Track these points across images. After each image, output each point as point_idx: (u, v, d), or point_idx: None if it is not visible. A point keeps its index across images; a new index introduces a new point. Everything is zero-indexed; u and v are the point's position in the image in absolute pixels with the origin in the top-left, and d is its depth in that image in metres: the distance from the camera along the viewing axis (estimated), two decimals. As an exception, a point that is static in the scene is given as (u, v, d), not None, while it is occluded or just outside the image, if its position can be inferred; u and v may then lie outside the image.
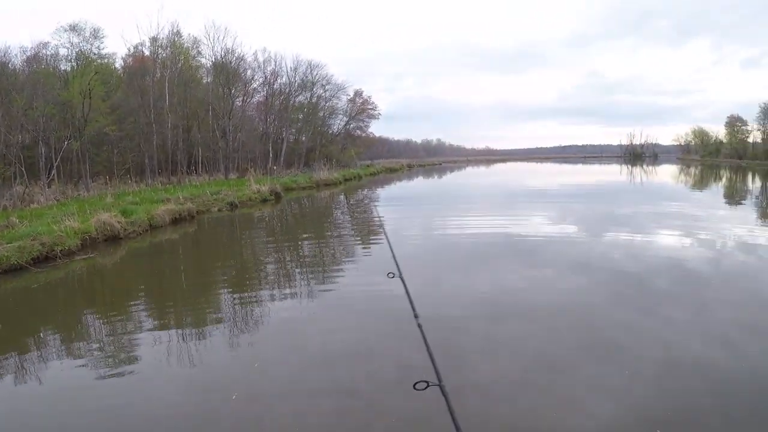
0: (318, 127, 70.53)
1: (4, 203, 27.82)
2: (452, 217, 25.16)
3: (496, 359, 8.45)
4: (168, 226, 24.47)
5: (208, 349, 9.59)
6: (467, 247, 17.91)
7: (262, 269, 16.50)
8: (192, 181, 44.18)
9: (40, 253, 17.04)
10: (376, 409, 7.06)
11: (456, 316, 10.69)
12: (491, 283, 13.35)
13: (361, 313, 11.36)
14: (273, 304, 12.23)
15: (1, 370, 8.89)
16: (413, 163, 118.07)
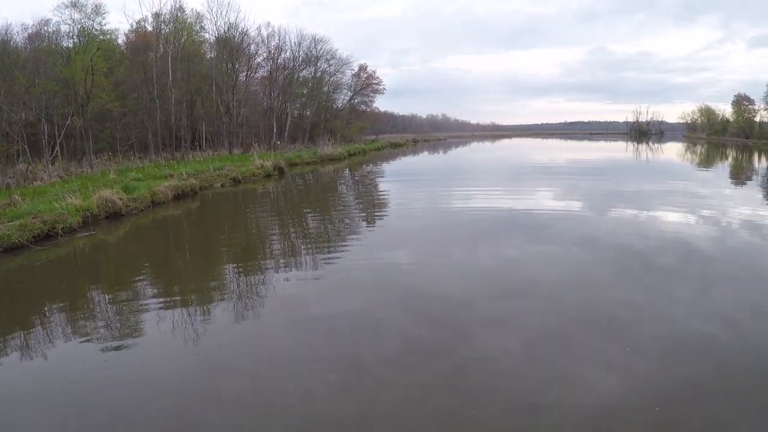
0: (322, 102, 70.35)
1: (7, 181, 27.77)
2: (457, 193, 25.18)
3: (502, 334, 8.54)
4: (170, 202, 24.50)
5: (213, 324, 9.76)
6: (472, 222, 17.96)
7: (266, 244, 16.57)
8: (196, 156, 44.15)
9: (41, 231, 17.02)
10: (382, 382, 7.15)
11: (462, 291, 10.79)
12: (496, 258, 13.44)
13: (366, 287, 11.49)
14: (277, 279, 12.31)
15: (7, 348, 9.04)
16: (418, 138, 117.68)
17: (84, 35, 39.47)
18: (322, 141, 57.07)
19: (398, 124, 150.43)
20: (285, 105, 62.59)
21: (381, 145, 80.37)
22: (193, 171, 31.61)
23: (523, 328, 8.74)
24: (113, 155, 39.75)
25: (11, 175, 28.94)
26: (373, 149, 71.16)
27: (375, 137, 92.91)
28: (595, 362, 7.58)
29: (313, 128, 67.05)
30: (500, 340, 8.31)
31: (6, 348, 9.08)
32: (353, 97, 79.30)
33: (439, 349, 8.08)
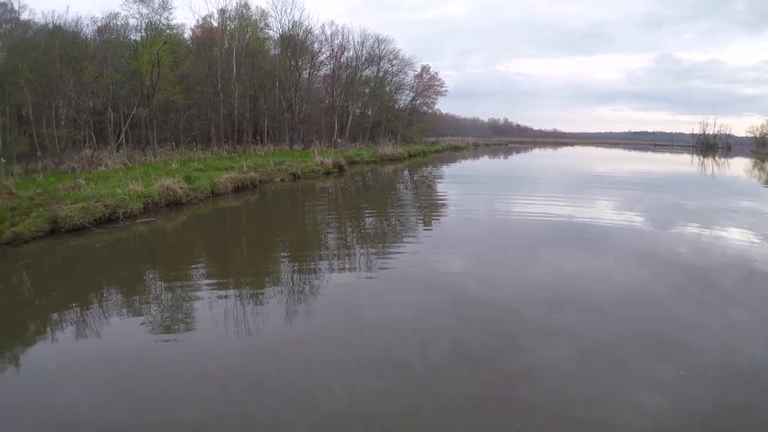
0: (384, 101, 70.14)
1: (73, 165, 28.41)
2: (516, 199, 24.57)
3: (552, 346, 8.30)
4: (230, 194, 24.68)
5: (265, 315, 9.70)
6: (530, 230, 17.42)
7: (321, 241, 16.41)
8: (257, 150, 44.42)
9: (102, 214, 17.39)
10: (427, 387, 7.00)
11: (515, 299, 10.46)
12: (552, 268, 12.94)
13: (420, 291, 11.16)
14: (331, 275, 12.23)
15: (64, 322, 9.47)
16: (479, 142, 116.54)
17: (151, 29, 40.02)
18: (383, 141, 56.98)
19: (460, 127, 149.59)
20: (347, 103, 62.57)
21: (441, 147, 79.73)
22: (253, 164, 31.85)
23: (574, 342, 8.47)
24: (176, 145, 40.52)
25: (77, 160, 29.62)
26: (434, 151, 70.59)
27: (436, 139, 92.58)
28: (646, 382, 7.23)
29: (374, 128, 67.03)
30: (550, 352, 8.08)
31: (63, 322, 9.47)
32: (415, 98, 78.98)
33: (488, 357, 7.92)
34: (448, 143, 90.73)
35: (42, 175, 25.76)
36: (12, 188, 20.26)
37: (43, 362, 7.98)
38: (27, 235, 15.28)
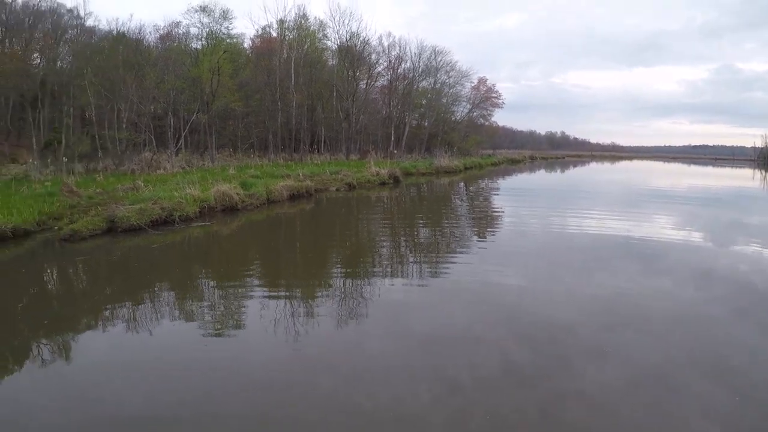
0: (441, 113, 69.90)
1: (132, 167, 28.92)
2: (572, 215, 23.86)
3: (604, 367, 7.93)
4: (285, 202, 24.66)
5: (313, 323, 9.57)
6: (585, 246, 16.76)
7: (374, 250, 16.19)
8: (313, 159, 44.71)
9: (159, 216, 17.53)
10: (474, 401, 6.83)
11: (567, 317, 10.02)
12: (607, 286, 12.34)
13: (471, 304, 10.87)
14: (382, 286, 11.97)
15: (116, 319, 9.58)
16: (536, 155, 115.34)
17: (212, 38, 40.78)
18: (439, 152, 56.60)
19: (516, 140, 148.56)
20: (403, 114, 62.57)
21: (498, 160, 78.92)
22: (309, 173, 31.95)
23: (626, 363, 8.05)
24: (234, 152, 41.10)
25: (137, 162, 30.20)
26: (490, 164, 69.89)
27: (492, 152, 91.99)
28: (700, 408, 6.79)
29: (431, 139, 66.84)
30: (601, 372, 7.73)
31: (115, 319, 9.58)
32: (472, 110, 78.62)
33: (538, 374, 7.63)
34: (505, 156, 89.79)
35: (102, 175, 26.29)
36: (73, 186, 20.65)
37: (95, 356, 8.11)
38: (84, 232, 15.60)
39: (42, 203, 18.28)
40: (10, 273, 12.70)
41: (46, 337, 8.81)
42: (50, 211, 17.63)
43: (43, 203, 18.33)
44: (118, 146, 31.49)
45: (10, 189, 20.98)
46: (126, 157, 30.90)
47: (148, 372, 7.50)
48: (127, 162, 30.06)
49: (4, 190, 20.90)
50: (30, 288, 11.62)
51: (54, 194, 19.99)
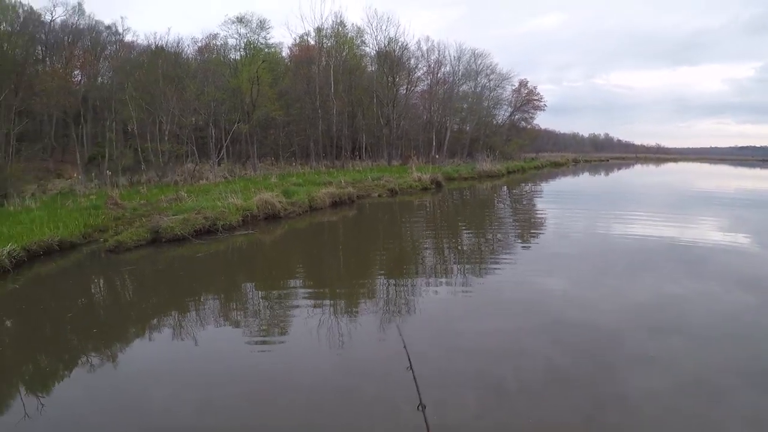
0: (482, 117, 69.24)
1: (175, 178, 29.15)
2: (617, 218, 23.19)
3: (648, 374, 7.72)
4: (328, 209, 24.55)
5: (357, 328, 9.65)
6: (629, 250, 16.29)
7: (418, 255, 16.04)
8: (355, 166, 44.66)
9: (202, 226, 17.57)
10: (517, 407, 6.83)
11: (611, 323, 9.88)
12: (652, 292, 11.98)
13: (515, 308, 10.79)
14: (427, 291, 11.93)
15: (162, 328, 9.86)
16: (579, 158, 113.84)
17: (250, 48, 41.09)
18: (481, 156, 56.12)
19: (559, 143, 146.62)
20: (444, 119, 62.14)
21: (541, 163, 78.02)
22: (351, 180, 31.83)
23: (671, 371, 7.81)
24: (276, 160, 41.24)
25: (180, 173, 30.48)
26: (533, 167, 69.10)
27: (535, 155, 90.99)
28: (746, 419, 6.52)
29: (472, 143, 66.25)
30: (645, 380, 7.48)
31: (161, 328, 9.86)
32: (513, 113, 77.79)
33: (581, 381, 7.53)
34: (548, 159, 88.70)
35: (146, 187, 26.58)
36: (117, 199, 20.82)
37: (144, 365, 8.26)
38: (129, 243, 15.70)
39: (87, 216, 18.48)
40: (58, 284, 12.90)
41: (95, 347, 8.94)
42: (95, 223, 17.79)
43: (89, 216, 18.52)
44: (161, 158, 31.75)
45: (56, 203, 21.35)
46: (169, 169, 31.16)
47: (195, 380, 7.59)
48: (170, 173, 30.29)
49: (51, 204, 21.24)
50: (78, 299, 11.78)
51: (99, 207, 20.22)
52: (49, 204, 21.35)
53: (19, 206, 20.36)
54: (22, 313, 10.77)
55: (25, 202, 20.93)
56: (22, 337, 9.73)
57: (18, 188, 23.50)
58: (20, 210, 19.68)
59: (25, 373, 8.16)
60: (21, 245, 13.95)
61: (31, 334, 9.75)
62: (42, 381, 7.85)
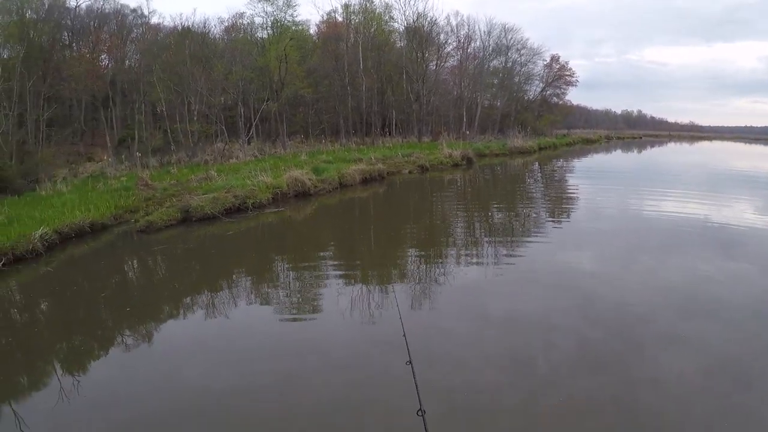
0: (513, 92, 68.34)
1: (205, 158, 29.14)
2: (650, 196, 22.62)
3: (678, 355, 7.71)
4: (358, 186, 24.36)
5: (388, 306, 9.64)
6: (662, 229, 16.09)
7: (448, 233, 15.95)
8: (385, 142, 44.22)
9: (232, 204, 17.55)
10: (546, 386, 6.84)
11: (643, 302, 9.75)
12: (684, 272, 11.81)
13: (546, 286, 10.72)
14: (457, 268, 11.99)
15: (195, 305, 10.08)
16: (611, 135, 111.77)
17: (277, 26, 40.74)
18: (512, 133, 55.47)
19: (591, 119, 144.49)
20: (475, 95, 61.34)
21: (572, 140, 76.67)
22: (381, 156, 31.49)
23: (702, 353, 7.80)
24: (305, 138, 41.10)
25: (209, 153, 30.43)
26: (564, 144, 67.83)
27: (566, 131, 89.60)
28: None
29: (503, 119, 65.45)
30: (675, 361, 7.45)
31: (194, 305, 10.09)
32: (545, 88, 76.57)
33: (611, 361, 7.52)
34: (580, 136, 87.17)
35: (176, 167, 26.57)
36: (148, 180, 20.76)
37: (177, 341, 8.51)
38: (160, 223, 15.72)
39: (118, 198, 18.52)
40: (90, 265, 13.07)
41: (129, 326, 9.08)
42: (126, 204, 17.82)
43: (119, 198, 18.56)
44: (190, 138, 31.80)
45: (87, 186, 21.42)
46: (198, 149, 31.18)
47: (228, 357, 7.73)
48: (199, 153, 30.29)
49: (82, 187, 21.33)
50: (111, 279, 11.93)
51: (129, 188, 20.23)
52: (80, 187, 21.43)
53: (50, 190, 20.39)
54: (56, 295, 10.88)
55: (57, 186, 20.93)
56: (58, 318, 9.80)
57: (49, 173, 23.58)
58: (52, 194, 19.68)
59: (61, 353, 8.28)
60: (53, 228, 14.00)
61: (65, 315, 9.82)
62: (78, 360, 7.95)
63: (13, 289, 11.29)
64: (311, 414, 6.32)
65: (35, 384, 7.27)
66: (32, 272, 12.10)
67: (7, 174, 20.38)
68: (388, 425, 6.13)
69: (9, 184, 20.26)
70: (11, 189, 20.05)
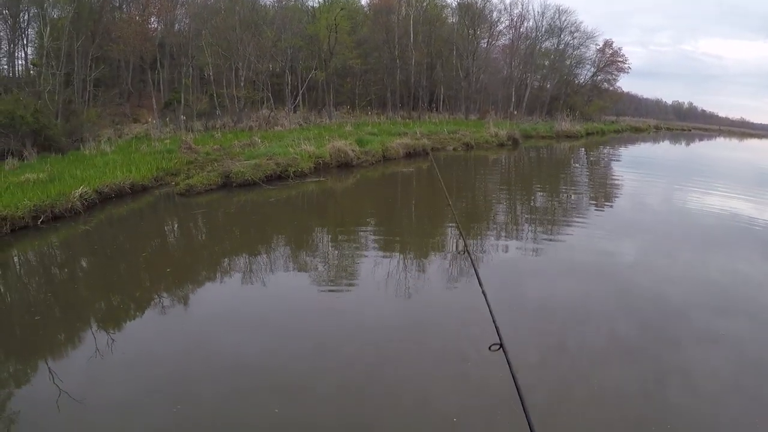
0: (564, 75, 67.13)
1: (250, 124, 29.12)
2: (695, 191, 21.84)
3: (712, 352, 7.59)
4: (401, 159, 24.12)
5: (425, 281, 9.72)
6: (706, 224, 15.59)
7: (489, 212, 15.79)
8: (431, 118, 43.77)
9: (273, 172, 17.46)
10: (578, 371, 6.85)
11: (680, 296, 9.60)
12: (723, 270, 11.46)
13: (584, 273, 10.64)
14: (496, 249, 11.97)
15: (232, 270, 10.16)
16: (660, 125, 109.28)
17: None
18: (560, 116, 54.54)
19: (641, 108, 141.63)
20: (525, 75, 60.33)
21: (621, 127, 75.11)
22: (427, 132, 31.19)
23: (736, 351, 7.65)
24: (351, 109, 40.78)
25: (254, 119, 30.40)
26: (612, 131, 66.30)
27: (615, 118, 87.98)
28: None
29: (552, 102, 64.29)
30: (709, 358, 7.38)
31: (231, 270, 10.15)
32: (596, 73, 75.10)
33: (644, 352, 7.45)
34: (628, 124, 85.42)
35: (220, 132, 26.55)
36: (191, 143, 20.76)
37: (215, 304, 8.58)
38: (200, 187, 15.72)
39: (160, 160, 18.55)
40: (129, 226, 13.24)
41: (166, 287, 9.23)
42: (168, 167, 17.81)
43: (162, 160, 18.59)
44: (236, 104, 31.73)
45: (131, 147, 21.46)
46: (244, 115, 31.19)
47: (262, 321, 7.94)
48: (244, 119, 30.32)
49: (126, 148, 21.38)
50: (148, 240, 12.09)
51: (172, 151, 20.26)
52: (124, 148, 21.49)
53: (94, 150, 20.45)
54: (95, 254, 11.04)
55: (101, 146, 20.99)
56: (94, 277, 9.89)
57: (94, 132, 23.63)
58: (95, 154, 19.78)
59: (98, 311, 8.37)
60: (93, 188, 14.06)
61: (102, 274, 9.90)
62: (114, 318, 8.03)
63: (53, 247, 11.39)
64: (341, 379, 6.44)
65: (72, 339, 7.38)
66: (71, 230, 12.18)
67: (53, 133, 20.40)
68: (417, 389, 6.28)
69: (54, 142, 20.29)
70: (56, 147, 20.08)
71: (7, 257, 10.47)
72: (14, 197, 12.28)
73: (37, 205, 12.13)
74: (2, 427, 5.48)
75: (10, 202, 11.84)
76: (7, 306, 8.55)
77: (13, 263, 10.40)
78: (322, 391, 6.20)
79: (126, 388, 6.12)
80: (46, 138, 20.14)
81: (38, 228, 11.81)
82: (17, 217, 11.54)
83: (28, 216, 11.79)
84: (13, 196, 12.35)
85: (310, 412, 5.87)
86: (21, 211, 11.68)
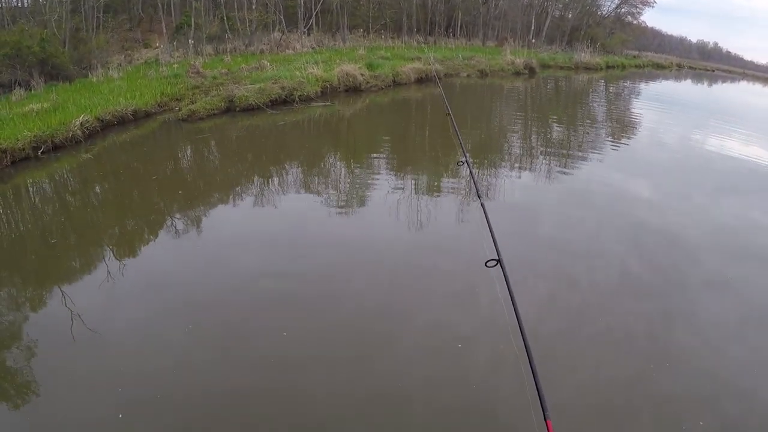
0: (586, 6, 65.56)
1: (261, 48, 28.79)
2: (715, 133, 21.28)
3: (720, 298, 7.47)
4: (412, 85, 23.87)
5: (435, 207, 9.78)
6: (723, 169, 15.29)
7: (502, 143, 15.66)
8: (448, 44, 42.87)
9: (278, 96, 17.34)
10: (587, 308, 6.88)
11: (693, 239, 9.50)
12: (738, 216, 11.28)
13: (598, 209, 10.66)
14: (510, 178, 12.03)
15: (243, 194, 10.36)
16: (683, 63, 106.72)
17: None
18: (580, 47, 53.36)
19: (664, 44, 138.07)
20: (546, 3, 59.18)
21: (642, 62, 73.27)
22: (441, 57, 30.76)
23: (743, 299, 7.51)
24: (366, 33, 39.98)
25: (266, 42, 30.00)
26: (633, 65, 64.61)
27: (637, 53, 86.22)
28: None
29: (573, 32, 62.86)
30: (716, 304, 7.29)
31: (242, 194, 10.37)
32: (620, 5, 73.22)
33: (652, 293, 7.41)
34: (650, 60, 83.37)
35: (230, 56, 26.28)
36: (199, 68, 20.57)
37: (226, 228, 8.74)
38: (203, 112, 15.67)
39: (166, 85, 18.40)
40: (129, 153, 13.15)
41: (179, 211, 9.43)
42: (172, 92, 17.68)
43: (167, 85, 18.44)
44: (248, 27, 31.30)
45: (138, 73, 21.26)
46: (255, 38, 30.80)
47: (273, 242, 8.15)
48: (256, 42, 29.97)
49: (133, 74, 21.19)
50: (149, 166, 12.02)
51: (180, 76, 20.06)
52: (132, 74, 21.22)
53: (101, 77, 20.29)
54: (99, 180, 11.10)
55: (108, 73, 20.80)
56: (99, 203, 10.08)
57: (103, 59, 23.43)
58: (102, 81, 19.57)
59: (110, 236, 8.48)
60: (94, 115, 13.97)
61: (107, 199, 10.19)
62: (126, 243, 8.19)
63: (55, 176, 11.41)
64: (355, 296, 6.68)
65: (85, 264, 7.49)
66: (72, 160, 12.15)
67: (60, 61, 20.28)
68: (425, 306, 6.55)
69: (61, 71, 20.18)
70: (63, 76, 19.97)
71: (6, 189, 10.44)
72: (16, 128, 12.14)
73: (37, 136, 11.99)
74: (21, 354, 5.57)
75: (11, 134, 11.70)
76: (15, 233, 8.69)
77: (15, 193, 10.41)
78: (338, 306, 6.46)
79: (140, 311, 6.25)
80: (53, 67, 20.03)
81: (39, 158, 11.76)
82: (17, 148, 11.42)
83: (28, 147, 11.67)
84: (15, 128, 12.21)
85: (317, 337, 5.94)
86: (21, 142, 11.55)
